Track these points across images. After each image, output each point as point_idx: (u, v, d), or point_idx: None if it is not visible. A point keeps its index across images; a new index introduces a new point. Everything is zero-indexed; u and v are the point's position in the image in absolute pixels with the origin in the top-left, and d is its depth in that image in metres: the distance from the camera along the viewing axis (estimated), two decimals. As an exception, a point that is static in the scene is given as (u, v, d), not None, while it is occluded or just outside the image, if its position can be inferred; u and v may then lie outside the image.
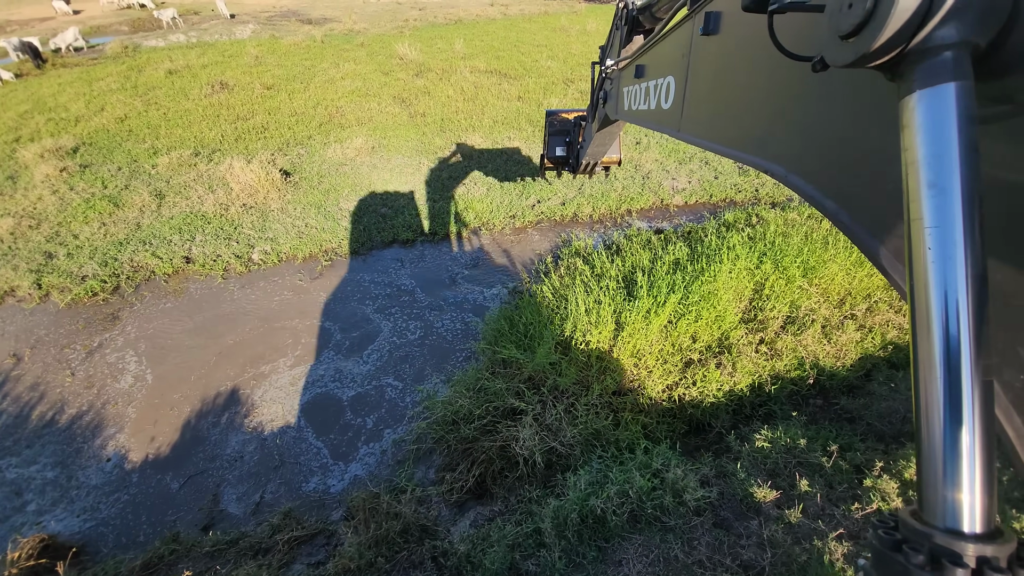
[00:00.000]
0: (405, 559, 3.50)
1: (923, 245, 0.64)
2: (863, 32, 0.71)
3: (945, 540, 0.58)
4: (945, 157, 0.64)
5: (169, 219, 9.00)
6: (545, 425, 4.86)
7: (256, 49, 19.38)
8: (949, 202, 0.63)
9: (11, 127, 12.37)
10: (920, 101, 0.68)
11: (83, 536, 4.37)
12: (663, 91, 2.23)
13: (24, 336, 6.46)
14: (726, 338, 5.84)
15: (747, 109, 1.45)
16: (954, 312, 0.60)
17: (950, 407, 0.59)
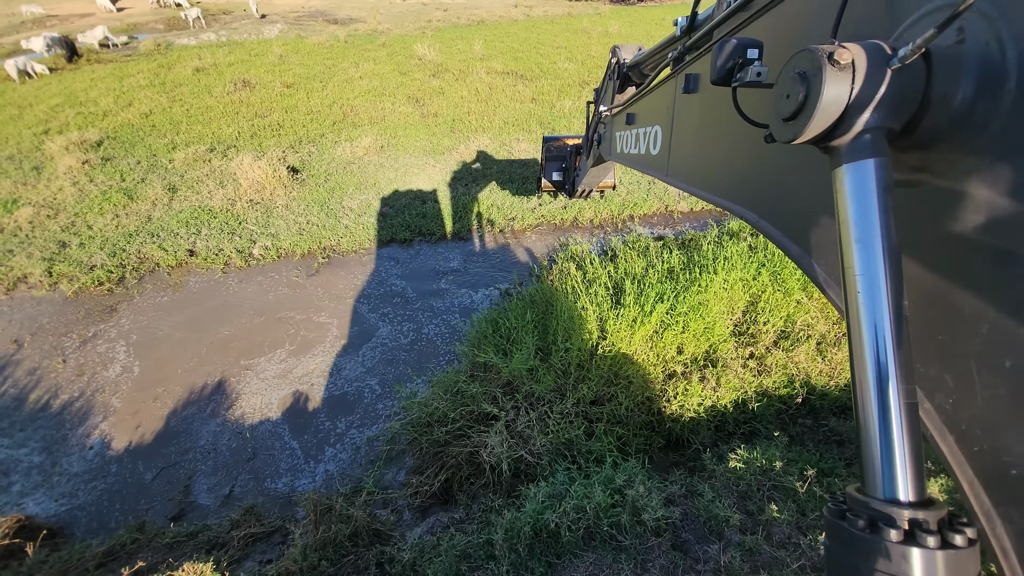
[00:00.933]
0: (351, 563, 3.47)
1: (855, 289, 0.79)
2: (798, 118, 0.85)
3: (883, 507, 0.70)
4: (868, 218, 0.78)
5: (178, 213, 9.26)
6: (516, 432, 4.79)
7: (281, 48, 19.84)
8: (873, 255, 0.77)
9: (42, 119, 12.96)
10: (847, 173, 0.82)
11: (59, 519, 4.51)
12: (651, 139, 2.43)
13: (28, 323, 6.74)
14: (714, 351, 5.64)
15: (723, 160, 1.64)
16: (882, 340, 0.75)
17: (881, 405, 0.73)
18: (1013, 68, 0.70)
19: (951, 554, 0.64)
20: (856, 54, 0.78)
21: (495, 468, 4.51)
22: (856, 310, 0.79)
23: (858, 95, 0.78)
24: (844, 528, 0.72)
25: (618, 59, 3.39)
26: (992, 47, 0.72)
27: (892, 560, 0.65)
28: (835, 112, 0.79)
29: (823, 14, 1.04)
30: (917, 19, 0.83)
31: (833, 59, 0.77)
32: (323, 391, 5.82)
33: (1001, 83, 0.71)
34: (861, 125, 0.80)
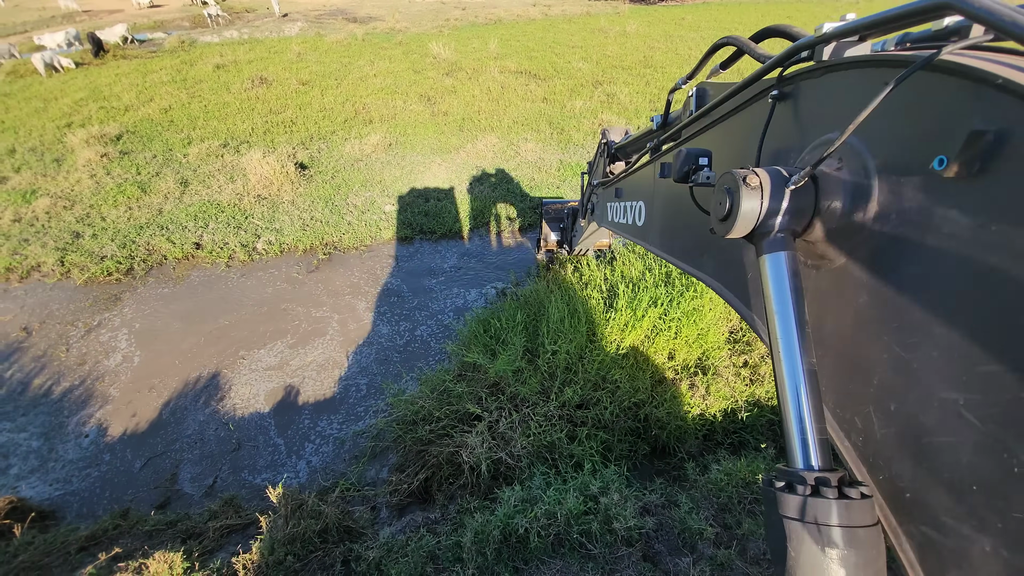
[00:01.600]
0: (318, 560, 3.49)
1: (777, 348, 1.01)
2: (727, 221, 1.08)
3: (799, 473, 0.90)
4: (782, 295, 1.02)
5: (188, 206, 9.47)
6: (498, 434, 4.75)
7: (300, 46, 20.16)
8: (787, 322, 1.00)
9: (65, 113, 13.40)
10: (766, 261, 1.06)
11: (52, 503, 4.65)
12: (636, 212, 2.76)
13: (38, 310, 6.97)
14: (706, 358, 5.52)
15: (689, 235, 1.95)
16: (799, 386, 0.96)
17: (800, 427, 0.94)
18: (874, 189, 0.94)
19: (846, 502, 0.83)
20: (763, 178, 1.04)
21: (474, 469, 4.49)
22: (779, 362, 1.00)
23: (767, 207, 1.02)
24: (772, 491, 0.90)
25: (607, 140, 3.91)
26: (861, 173, 0.97)
27: (804, 509, 0.84)
28: (752, 219, 1.04)
29: (759, 130, 1.34)
30: (812, 148, 1.13)
31: (746, 181, 1.03)
32: (314, 387, 5.88)
33: (867, 200, 0.95)
34: (771, 228, 1.05)
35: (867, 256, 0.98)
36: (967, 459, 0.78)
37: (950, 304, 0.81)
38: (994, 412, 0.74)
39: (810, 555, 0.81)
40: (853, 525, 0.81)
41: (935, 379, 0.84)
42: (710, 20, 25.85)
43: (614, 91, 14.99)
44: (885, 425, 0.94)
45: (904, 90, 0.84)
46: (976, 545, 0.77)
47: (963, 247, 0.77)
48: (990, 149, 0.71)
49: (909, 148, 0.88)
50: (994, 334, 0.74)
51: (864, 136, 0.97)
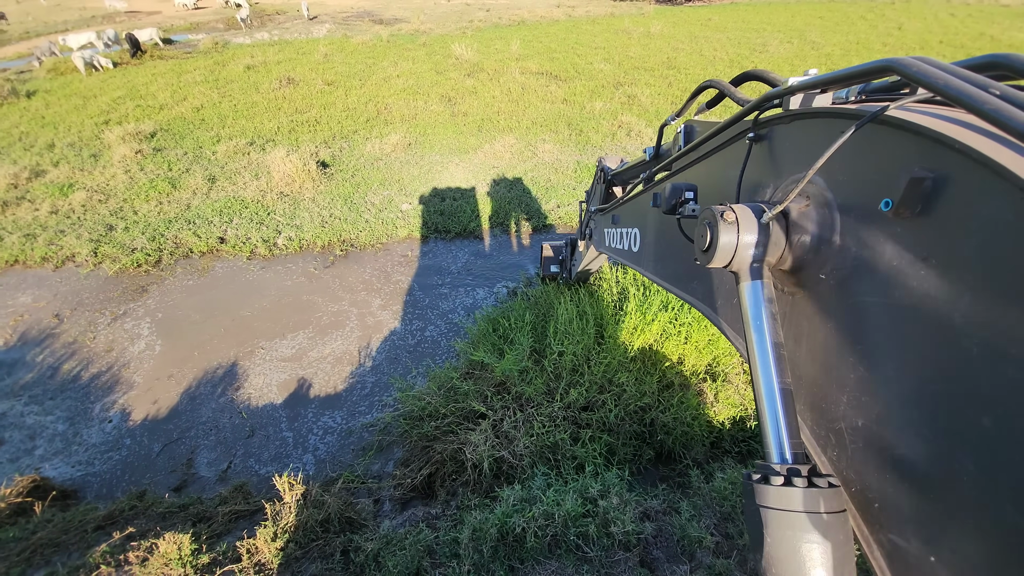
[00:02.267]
0: (318, 548, 3.57)
1: (756, 368, 1.10)
2: (708, 252, 1.17)
3: (772, 466, 0.98)
4: (759, 321, 1.11)
5: (214, 202, 9.78)
6: (501, 433, 4.78)
7: (327, 47, 20.61)
8: (763, 345, 1.10)
9: (104, 110, 14.00)
10: (744, 289, 1.16)
11: (73, 483, 4.87)
12: (632, 238, 2.87)
13: (71, 298, 7.31)
14: (716, 364, 5.43)
15: (682, 262, 2.04)
16: (775, 404, 1.05)
17: (776, 435, 1.02)
18: (837, 224, 1.04)
19: (814, 491, 0.90)
20: (739, 214, 1.14)
21: (477, 467, 4.52)
22: (758, 380, 1.09)
23: (742, 241, 1.13)
24: (750, 484, 0.97)
25: (603, 169, 4.11)
26: (825, 210, 1.07)
27: (777, 499, 0.91)
28: (730, 251, 1.13)
29: (737, 167, 1.45)
30: (784, 186, 1.24)
31: (723, 217, 1.13)
32: (325, 380, 6.01)
33: (831, 234, 1.05)
34: (747, 259, 1.14)
35: (833, 284, 1.06)
36: (923, 470, 0.84)
37: (901, 328, 0.89)
38: (943, 426, 0.80)
39: (784, 540, 0.88)
40: (822, 511, 0.89)
41: (893, 396, 0.91)
42: (737, 21, 25.37)
43: (635, 92, 14.86)
44: (854, 440, 1.02)
45: (858, 139, 0.94)
46: (936, 552, 0.82)
47: (909, 278, 0.86)
48: (928, 193, 0.80)
49: (862, 190, 0.97)
50: (939, 355, 0.81)
51: (827, 177, 1.08)
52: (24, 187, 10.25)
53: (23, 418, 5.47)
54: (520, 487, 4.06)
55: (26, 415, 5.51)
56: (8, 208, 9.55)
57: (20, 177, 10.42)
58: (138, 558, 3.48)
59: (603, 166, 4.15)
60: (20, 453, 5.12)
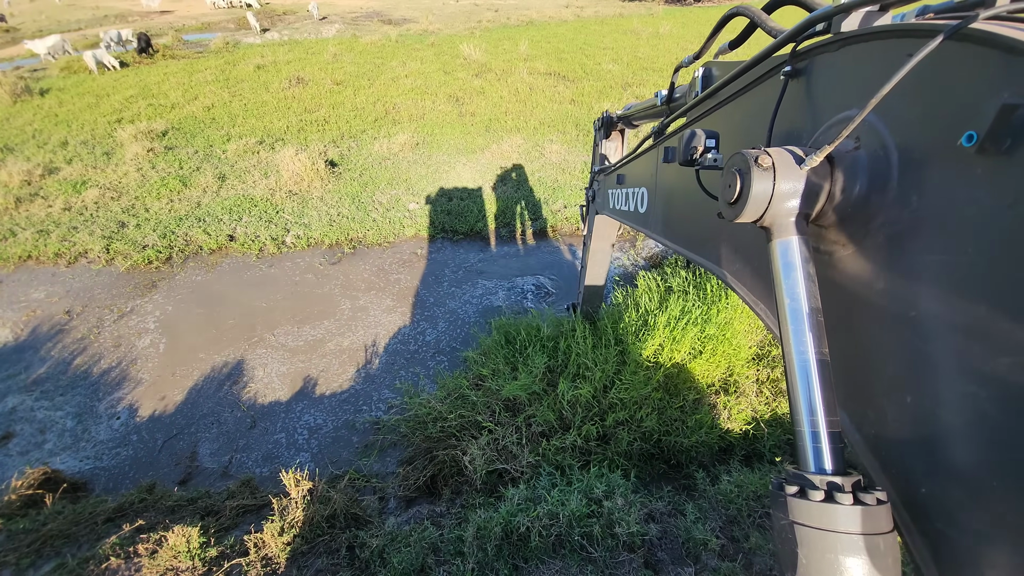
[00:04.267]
0: (324, 544, 3.60)
1: (788, 336, 0.98)
2: (736, 204, 1.03)
3: (810, 476, 0.87)
4: (793, 282, 0.98)
5: (224, 200, 9.88)
6: (504, 450, 4.61)
7: (336, 47, 20.72)
8: (798, 311, 0.97)
9: (116, 109, 14.17)
10: (776, 247, 1.02)
11: (82, 476, 4.94)
12: (639, 198, 2.70)
13: (82, 294, 7.41)
14: (730, 374, 5.25)
15: (697, 222, 1.88)
16: (810, 376, 0.93)
17: (811, 420, 0.92)
18: (894, 170, 0.90)
19: (861, 509, 0.80)
20: (776, 158, 0.98)
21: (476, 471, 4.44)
22: (790, 355, 0.97)
23: (778, 190, 0.98)
24: (782, 495, 0.88)
25: (604, 120, 3.89)
26: (879, 153, 0.93)
27: (816, 516, 0.82)
28: (763, 202, 0.99)
29: (767, 112, 1.28)
30: (827, 127, 1.07)
31: (758, 162, 0.98)
32: (330, 376, 6.05)
33: (886, 181, 0.91)
34: (783, 211, 1.00)
35: (884, 241, 0.93)
36: (986, 455, 0.76)
37: (974, 292, 0.76)
38: (1017, 406, 0.71)
39: (823, 563, 0.79)
40: (869, 532, 0.79)
41: (955, 371, 0.80)
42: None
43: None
44: (900, 418, 0.92)
45: (929, 63, 0.79)
46: (995, 543, 0.74)
47: (991, 230, 0.73)
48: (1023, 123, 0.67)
49: (933, 124, 0.83)
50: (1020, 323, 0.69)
51: (883, 113, 0.92)
52: (38, 184, 10.40)
53: (33, 412, 5.56)
54: (524, 487, 4.06)
55: (36, 410, 5.60)
56: (22, 204, 9.69)
57: (34, 174, 10.57)
58: (147, 550, 3.52)
59: (604, 116, 3.85)
60: (31, 447, 5.20)
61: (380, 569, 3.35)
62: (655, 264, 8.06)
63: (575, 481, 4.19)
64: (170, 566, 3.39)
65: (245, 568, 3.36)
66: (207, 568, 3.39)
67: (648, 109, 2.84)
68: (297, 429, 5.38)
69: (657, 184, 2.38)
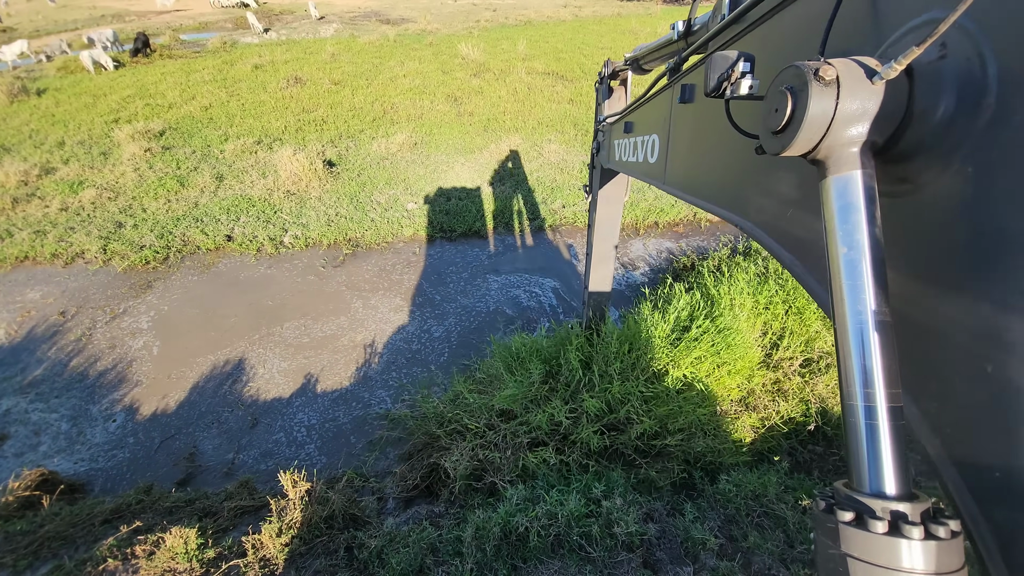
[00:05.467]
0: (322, 544, 3.59)
1: (841, 296, 0.81)
2: (785, 132, 0.86)
3: (869, 500, 0.72)
4: (853, 228, 0.81)
5: (222, 200, 9.85)
6: (486, 458, 4.41)
7: (334, 47, 20.68)
8: (858, 263, 0.80)
9: (114, 109, 14.12)
10: (833, 185, 0.84)
11: (78, 477, 4.92)
12: (649, 147, 2.47)
13: (78, 295, 7.38)
14: (748, 383, 5.11)
15: (718, 168, 1.68)
16: (867, 345, 0.77)
17: (867, 407, 0.76)
18: (992, 83, 0.72)
19: (934, 544, 0.67)
20: (841, 70, 0.80)
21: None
22: (843, 316, 0.81)
23: (842, 110, 0.80)
24: (832, 521, 0.73)
25: (608, 72, 3.61)
26: (973, 63, 0.75)
27: (878, 551, 0.67)
28: (821, 126, 0.81)
29: (813, 30, 1.07)
30: (901, 35, 0.87)
31: (818, 75, 0.79)
32: (330, 376, 6.04)
33: (980, 98, 0.74)
34: (845, 139, 0.82)
35: (971, 176, 0.76)
36: None
37: None
38: None
39: None
40: (941, 572, 0.66)
41: None
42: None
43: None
44: (974, 390, 0.80)
45: None
46: None
47: None
48: None
49: None
50: None
51: (978, 15, 0.74)
52: (35, 184, 10.36)
53: (28, 415, 5.53)
54: (523, 486, 4.06)
55: (31, 412, 5.57)
56: (19, 205, 9.65)
57: (31, 174, 10.53)
58: (145, 552, 3.51)
59: (607, 65, 3.52)
60: (26, 449, 5.18)
61: (379, 570, 3.35)
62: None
63: (574, 481, 4.19)
64: (167, 567, 3.37)
65: (243, 569, 3.35)
66: (205, 570, 3.38)
67: (662, 47, 2.54)
68: (295, 427, 5.37)
69: (671, 129, 2.12)
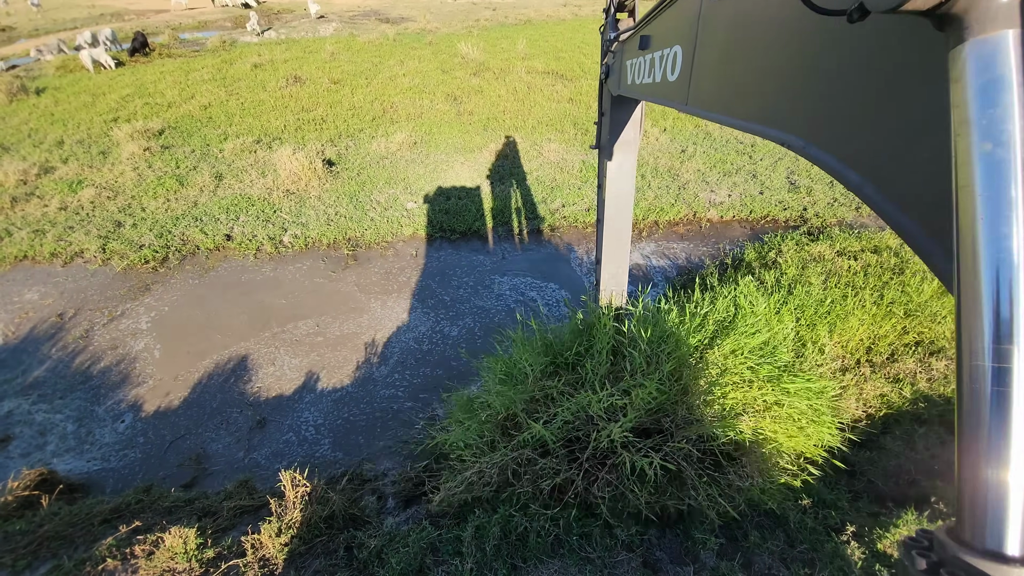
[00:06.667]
0: (322, 544, 3.59)
1: (974, 217, 0.58)
2: None
3: (986, 564, 0.52)
4: (1001, 115, 0.57)
5: (221, 199, 9.84)
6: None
7: (333, 46, 20.64)
8: (1005, 167, 0.57)
9: (112, 108, 14.10)
10: (973, 52, 0.61)
11: (90, 477, 4.92)
12: (669, 63, 2.17)
13: (76, 296, 7.38)
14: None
15: (762, 77, 1.39)
16: (1007, 297, 0.54)
17: (997, 411, 0.52)
18: None
19: None
20: None
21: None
22: (972, 251, 0.58)
23: None
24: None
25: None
26: None
27: None
28: None
29: None
30: None
31: None
32: (334, 376, 6.03)
33: None
34: None
35: None
36: None
37: None
38: None
39: None
40: None
41: None
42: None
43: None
44: None
45: None
46: None
47: None
48: None
49: None
50: None
51: None
52: (33, 183, 10.34)
53: (32, 416, 5.52)
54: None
55: (34, 413, 5.57)
56: (18, 204, 9.63)
57: (29, 173, 10.52)
58: (144, 551, 3.51)
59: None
60: (32, 448, 5.18)
61: (378, 569, 3.34)
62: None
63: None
64: (167, 567, 3.37)
65: (242, 569, 3.35)
66: (204, 569, 3.37)
67: None
68: (303, 426, 5.38)
69: (698, 37, 1.83)
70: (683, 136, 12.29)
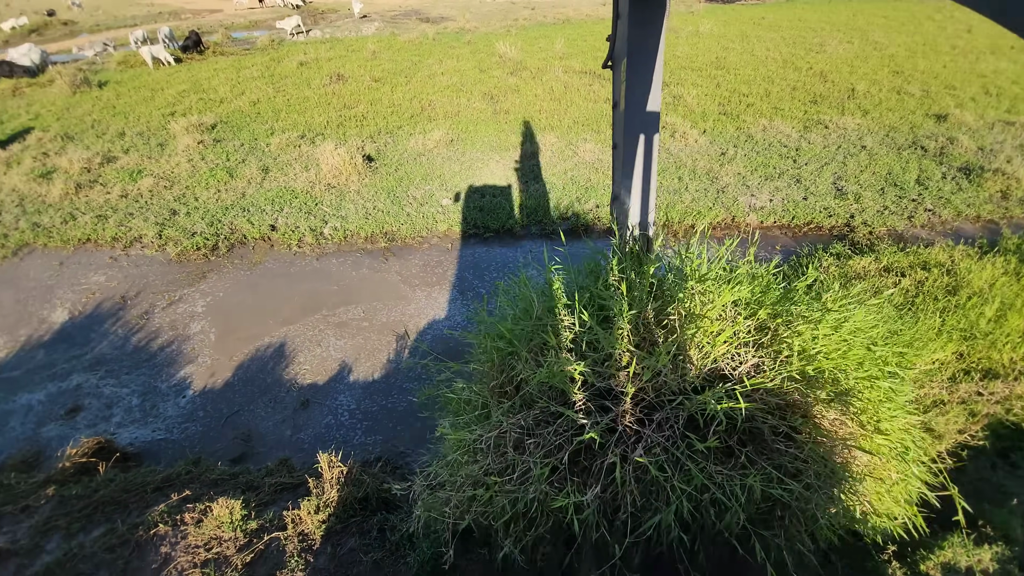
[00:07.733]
0: (357, 524, 3.73)
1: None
2: None
3: None
4: None
5: (267, 191, 10.26)
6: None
7: (375, 45, 21.14)
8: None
9: (170, 102, 14.88)
10: None
11: (139, 447, 5.26)
12: None
13: (138, 280, 7.87)
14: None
15: None
16: None
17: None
18: None
19: None
20: None
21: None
22: None
23: None
24: None
25: None
26: None
27: None
28: None
29: None
30: None
31: None
32: (362, 377, 6.23)
33: None
34: None
35: None
36: None
37: None
38: None
39: None
40: None
41: None
42: (792, 19, 24.41)
43: (681, 93, 14.57)
44: None
45: None
46: None
47: None
48: None
49: None
50: None
51: None
52: (96, 171, 11.04)
53: (99, 389, 5.96)
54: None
55: (102, 386, 6.00)
56: (82, 190, 10.31)
57: (93, 162, 11.23)
58: (193, 519, 3.73)
59: None
60: (98, 420, 5.59)
61: (409, 552, 3.45)
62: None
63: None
64: (214, 535, 3.58)
65: (283, 542, 3.52)
66: (248, 539, 3.57)
67: None
68: (340, 410, 5.60)
69: None
70: (723, 138, 12.03)
